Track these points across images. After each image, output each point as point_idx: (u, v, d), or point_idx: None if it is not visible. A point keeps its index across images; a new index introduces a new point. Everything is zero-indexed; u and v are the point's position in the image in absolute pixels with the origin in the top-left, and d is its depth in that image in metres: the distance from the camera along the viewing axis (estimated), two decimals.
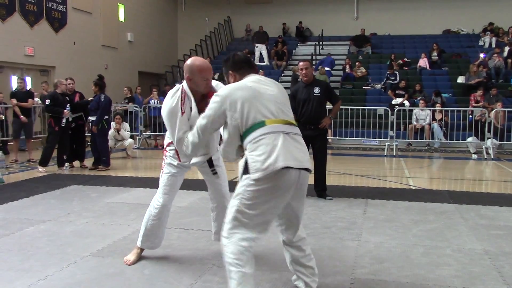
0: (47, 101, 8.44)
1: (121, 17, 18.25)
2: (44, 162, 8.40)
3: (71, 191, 6.72)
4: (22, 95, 10.44)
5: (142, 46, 19.39)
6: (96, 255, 4.00)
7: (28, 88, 12.43)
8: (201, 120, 3.05)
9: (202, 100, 3.47)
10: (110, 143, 10.19)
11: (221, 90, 2.99)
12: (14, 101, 10.27)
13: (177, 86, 3.53)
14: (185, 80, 3.49)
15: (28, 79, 13.74)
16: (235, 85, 2.99)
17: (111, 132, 10.24)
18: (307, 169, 2.89)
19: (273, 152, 2.76)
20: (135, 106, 13.14)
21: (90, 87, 8.88)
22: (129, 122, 12.20)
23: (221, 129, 3.13)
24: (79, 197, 6.26)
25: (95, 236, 4.53)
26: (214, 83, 3.60)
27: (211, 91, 3.46)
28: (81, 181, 7.47)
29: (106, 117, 8.68)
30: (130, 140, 10.77)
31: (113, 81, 15.73)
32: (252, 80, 3.02)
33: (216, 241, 3.87)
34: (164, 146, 3.79)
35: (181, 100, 3.39)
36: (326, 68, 16.72)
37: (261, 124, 2.84)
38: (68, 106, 8.62)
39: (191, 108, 3.42)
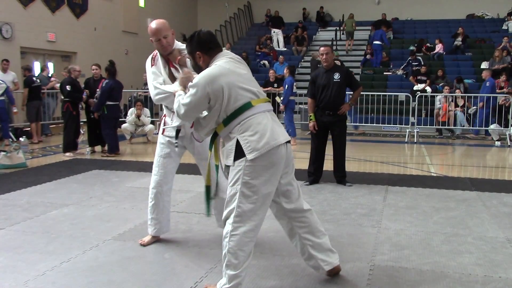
0: (68, 87, 8.50)
1: (141, 3, 18.29)
2: (68, 148, 8.54)
3: (93, 175, 6.81)
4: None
5: None
6: (117, 239, 4.07)
7: (50, 74, 12.59)
8: (180, 107, 2.92)
9: (169, 65, 3.68)
10: (131, 128, 10.35)
11: (199, 79, 2.84)
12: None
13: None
14: None
15: (50, 65, 13.88)
16: (214, 72, 2.85)
17: (131, 118, 10.35)
18: (288, 141, 2.98)
19: (265, 130, 2.82)
20: None
21: None
22: (149, 108, 12.24)
23: None
24: (101, 182, 6.35)
25: (116, 220, 4.60)
26: (181, 46, 3.63)
27: (176, 55, 3.64)
28: (102, 165, 7.57)
29: (110, 102, 8.46)
30: (151, 125, 10.84)
31: (134, 67, 15.81)
32: (226, 62, 2.93)
33: (221, 228, 3.71)
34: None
35: (152, 57, 3.68)
36: (376, 42, 16.44)
37: (248, 105, 2.86)
38: (85, 92, 8.77)
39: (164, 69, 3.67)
